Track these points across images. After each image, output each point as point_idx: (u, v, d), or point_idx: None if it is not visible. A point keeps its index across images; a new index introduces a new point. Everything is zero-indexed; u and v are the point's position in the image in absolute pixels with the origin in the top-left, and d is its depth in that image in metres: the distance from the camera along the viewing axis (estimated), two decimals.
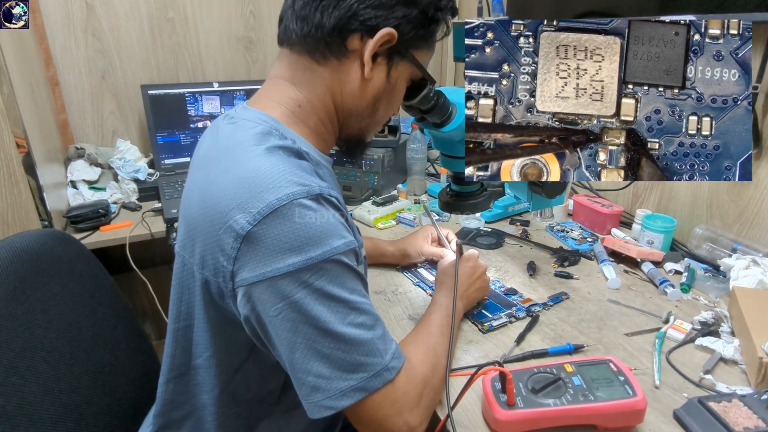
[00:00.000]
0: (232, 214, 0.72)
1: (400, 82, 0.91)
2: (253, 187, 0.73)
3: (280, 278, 0.71)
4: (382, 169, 1.89)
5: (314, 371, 0.74)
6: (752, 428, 0.79)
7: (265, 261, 0.71)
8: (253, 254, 0.72)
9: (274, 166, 0.75)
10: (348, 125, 0.94)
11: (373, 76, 0.87)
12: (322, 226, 0.73)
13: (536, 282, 1.34)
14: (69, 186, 1.96)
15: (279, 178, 0.73)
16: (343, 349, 0.74)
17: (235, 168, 0.77)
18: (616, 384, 0.85)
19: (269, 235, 0.71)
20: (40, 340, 0.86)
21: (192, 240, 0.80)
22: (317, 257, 0.72)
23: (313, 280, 0.72)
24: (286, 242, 0.71)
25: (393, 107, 0.95)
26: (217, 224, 0.74)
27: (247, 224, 0.71)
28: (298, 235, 0.71)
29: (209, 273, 0.78)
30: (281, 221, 0.71)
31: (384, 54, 0.86)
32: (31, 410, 0.80)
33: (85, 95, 2.16)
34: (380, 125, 0.98)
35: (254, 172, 0.74)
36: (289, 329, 0.73)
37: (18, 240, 0.91)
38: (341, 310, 0.74)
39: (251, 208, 0.71)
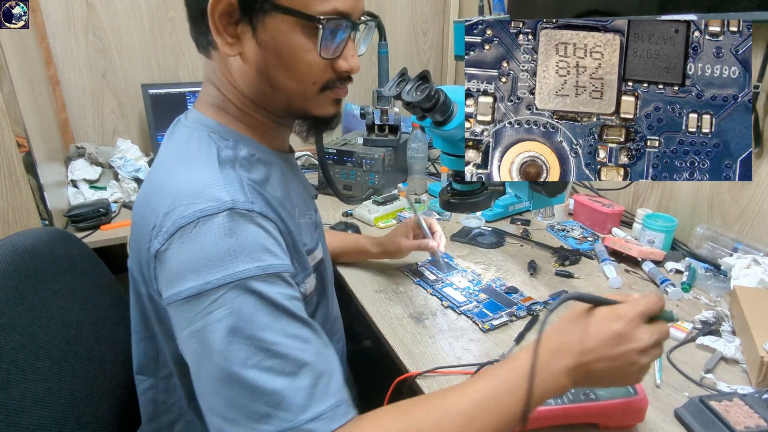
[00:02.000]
0: (153, 234, 0.70)
1: (282, 39, 0.75)
2: (167, 206, 0.69)
3: (181, 303, 0.65)
4: (383, 168, 1.89)
5: (217, 411, 0.65)
6: (753, 427, 0.79)
7: (170, 282, 0.67)
8: (163, 275, 0.68)
9: (191, 181, 0.71)
10: (269, 107, 0.84)
11: (242, 51, 0.76)
12: (228, 246, 0.66)
13: (537, 281, 1.34)
14: (69, 185, 1.96)
15: (191, 194, 0.69)
16: (245, 394, 0.63)
17: (163, 186, 0.73)
18: None
19: (173, 256, 0.66)
20: (41, 339, 0.86)
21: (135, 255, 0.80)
22: (216, 281, 0.64)
23: (213, 308, 0.64)
24: (187, 263, 0.65)
25: (298, 71, 0.78)
26: (144, 245, 0.73)
27: (158, 244, 0.68)
28: (199, 256, 0.65)
29: (152, 291, 0.77)
30: (185, 240, 0.66)
31: (242, 21, 0.74)
32: (32, 408, 0.80)
33: (85, 94, 2.16)
34: (307, 95, 0.81)
35: (172, 189, 0.71)
36: (193, 360, 0.67)
37: (20, 238, 0.91)
38: (244, 348, 0.63)
39: (162, 228, 0.68)
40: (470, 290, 1.28)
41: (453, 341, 1.08)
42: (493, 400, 0.66)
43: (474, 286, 1.30)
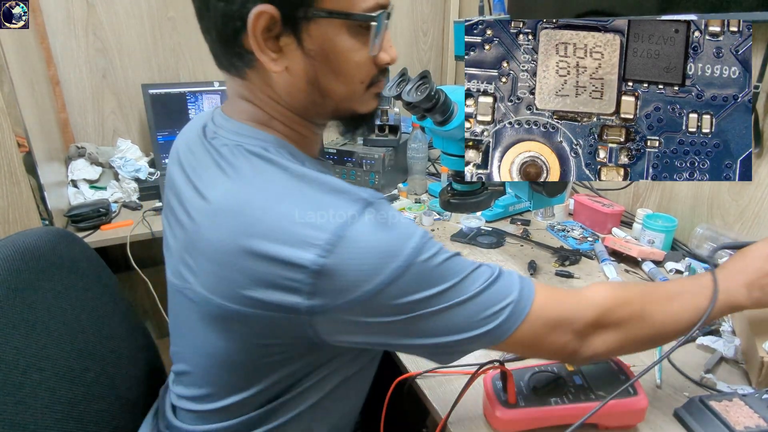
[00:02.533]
0: (296, 250, 0.65)
1: (329, 44, 0.72)
2: (306, 219, 0.67)
3: (368, 299, 0.67)
4: (383, 168, 1.89)
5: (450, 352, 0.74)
6: (753, 427, 0.79)
7: (350, 287, 0.66)
8: (334, 284, 0.66)
9: (320, 193, 0.70)
10: (315, 117, 0.82)
11: (288, 64, 0.73)
12: (392, 232, 0.68)
13: (537, 281, 1.34)
14: (70, 185, 1.96)
15: (329, 201, 0.69)
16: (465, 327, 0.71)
17: (277, 206, 0.69)
18: (618, 383, 0.85)
19: (344, 262, 0.66)
20: (42, 339, 0.86)
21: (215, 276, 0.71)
22: (401, 266, 0.66)
23: (409, 283, 0.67)
24: (365, 263, 0.66)
25: (348, 73, 0.76)
26: (271, 263, 0.66)
27: (318, 258, 0.64)
28: (373, 252, 0.66)
29: (270, 311, 0.69)
30: (352, 245, 0.66)
31: (284, 32, 0.70)
32: (34, 409, 0.80)
33: (85, 94, 2.16)
34: (355, 96, 0.80)
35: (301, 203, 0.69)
36: (397, 336, 0.71)
37: (21, 238, 0.91)
38: (447, 293, 0.69)
39: (315, 241, 0.65)
40: None
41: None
42: (686, 294, 0.81)
43: None
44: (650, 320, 0.79)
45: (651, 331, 0.79)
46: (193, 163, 0.81)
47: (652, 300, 0.80)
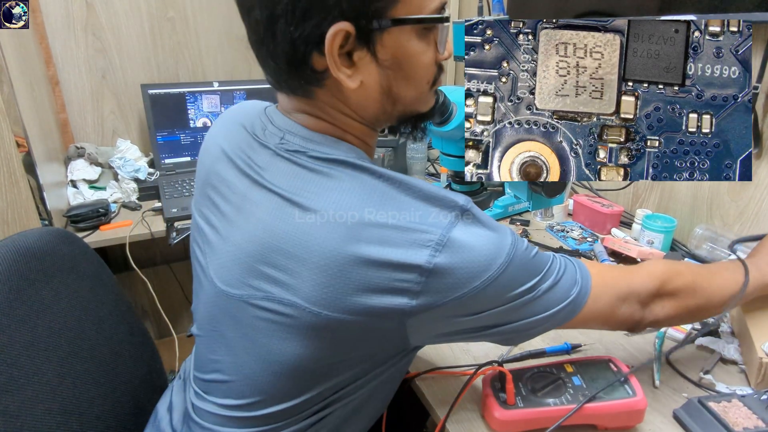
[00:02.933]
0: (409, 250, 0.67)
1: (401, 52, 0.72)
2: (414, 222, 0.69)
3: (478, 293, 0.71)
4: None
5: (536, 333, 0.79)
6: (752, 428, 0.79)
7: (462, 283, 0.70)
8: (442, 282, 0.69)
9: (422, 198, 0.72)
10: (382, 124, 0.83)
11: (363, 78, 0.72)
12: (489, 231, 0.73)
13: None
14: (69, 185, 1.95)
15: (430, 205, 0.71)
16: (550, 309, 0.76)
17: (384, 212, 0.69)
18: (617, 384, 0.85)
19: (454, 261, 0.69)
20: (42, 339, 0.86)
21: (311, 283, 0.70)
22: (504, 261, 0.71)
23: (511, 276, 0.72)
24: (473, 260, 0.70)
25: (417, 77, 0.76)
26: (379, 267, 0.67)
27: (430, 257, 0.67)
28: (478, 250, 0.70)
29: (359, 316, 0.69)
30: (459, 244, 0.69)
31: (356, 47, 0.69)
32: (34, 410, 0.80)
33: (85, 94, 2.16)
34: (422, 96, 0.81)
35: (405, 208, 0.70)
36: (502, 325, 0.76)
37: (21, 238, 0.91)
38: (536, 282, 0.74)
39: (428, 239, 0.68)
40: None
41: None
42: (724, 271, 0.92)
43: None
44: (701, 291, 0.87)
45: (702, 301, 0.88)
46: (259, 164, 0.79)
47: (700, 273, 0.89)
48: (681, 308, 0.87)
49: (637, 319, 0.85)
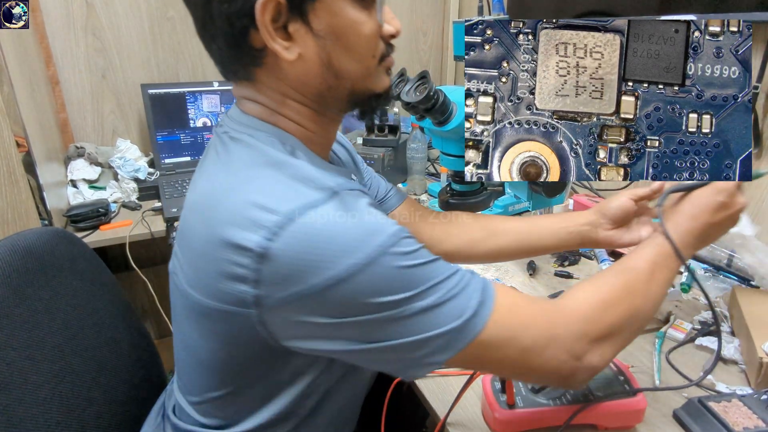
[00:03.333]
0: (243, 232, 0.64)
1: (337, 21, 0.71)
2: (264, 202, 0.65)
3: (318, 294, 0.63)
4: (383, 168, 1.89)
5: (397, 366, 0.69)
6: (752, 428, 0.79)
7: (294, 278, 0.63)
8: (279, 273, 0.63)
9: (286, 179, 0.68)
10: (331, 105, 0.79)
11: (300, 51, 0.71)
12: (354, 226, 0.65)
13: (536, 281, 1.34)
14: (69, 185, 1.96)
15: (290, 190, 0.66)
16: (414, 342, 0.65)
17: (244, 188, 0.68)
18: (616, 383, 0.85)
19: (290, 250, 0.62)
20: (42, 339, 0.86)
21: (192, 267, 0.71)
22: (358, 263, 0.63)
23: (363, 286, 0.63)
24: (314, 254, 0.62)
25: (359, 48, 0.74)
26: (222, 245, 0.65)
27: (264, 240, 0.62)
28: (326, 244, 0.63)
29: (220, 303, 0.67)
30: (304, 232, 0.63)
31: (291, 18, 0.69)
32: (34, 410, 0.80)
33: (85, 94, 2.16)
34: (369, 72, 0.78)
35: (264, 188, 0.67)
36: (348, 342, 0.67)
37: (21, 238, 0.91)
38: (399, 306, 0.64)
39: (265, 222, 0.63)
40: None
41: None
42: (658, 271, 0.78)
43: None
44: (638, 315, 0.76)
45: (641, 323, 0.77)
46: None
47: (636, 291, 0.76)
48: (621, 345, 0.75)
49: (566, 374, 0.71)
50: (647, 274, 0.77)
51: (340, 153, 1.03)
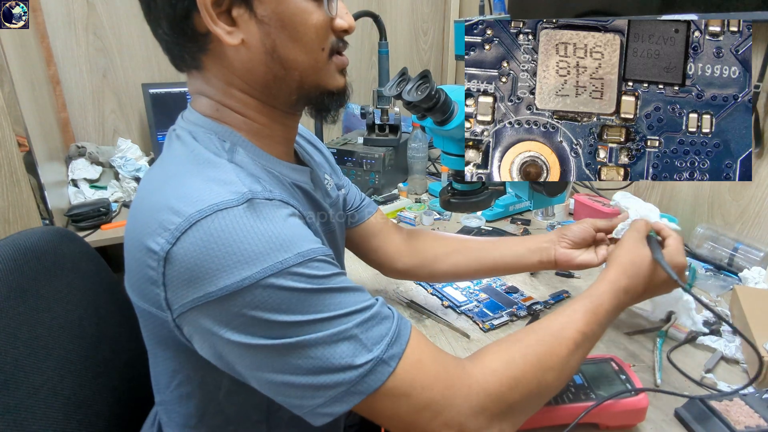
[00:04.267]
0: (152, 234, 0.63)
1: (281, 8, 0.70)
2: (173, 205, 0.63)
3: (211, 304, 0.61)
4: (383, 168, 1.89)
5: (284, 396, 0.65)
6: (754, 427, 0.79)
7: (192, 284, 0.61)
8: (178, 278, 0.62)
9: (201, 180, 0.66)
10: (280, 98, 0.78)
11: (244, 37, 0.70)
12: (259, 237, 0.62)
13: (537, 281, 1.34)
14: (70, 184, 1.96)
15: (203, 190, 0.64)
16: (303, 380, 0.62)
17: (163, 187, 0.68)
18: (618, 382, 0.85)
19: (190, 255, 0.61)
20: (44, 338, 0.86)
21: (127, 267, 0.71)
22: (255, 276, 0.60)
23: (254, 303, 0.60)
24: (213, 261, 0.61)
25: (306, 38, 0.73)
26: (139, 246, 0.65)
27: (166, 243, 0.61)
28: (226, 252, 0.60)
29: (148, 304, 0.68)
30: (205, 237, 0.61)
31: (233, 4, 0.68)
32: (35, 409, 0.80)
33: (86, 94, 2.16)
34: (318, 65, 0.76)
35: (178, 189, 0.66)
36: (238, 360, 0.64)
37: (22, 238, 0.91)
38: (293, 335, 0.61)
39: (170, 224, 0.62)
40: (470, 290, 1.28)
41: (453, 341, 1.08)
42: (588, 341, 0.75)
43: (474, 285, 1.30)
44: (547, 392, 0.72)
45: (547, 398, 0.74)
46: None
47: (552, 366, 0.71)
48: (522, 420, 0.70)
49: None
50: (570, 348, 0.72)
51: (314, 155, 1.03)
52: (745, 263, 1.31)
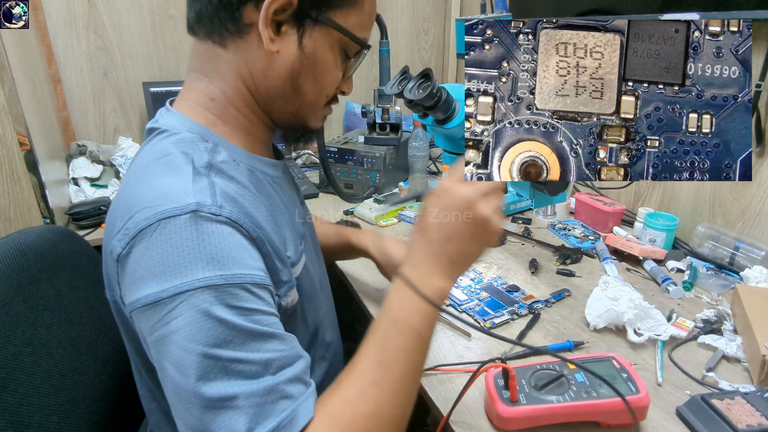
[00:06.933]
0: (113, 236, 0.67)
1: (322, 51, 0.77)
2: (130, 208, 0.66)
3: (141, 310, 0.63)
4: (384, 167, 1.89)
5: (179, 418, 0.64)
6: (755, 425, 0.80)
7: (131, 289, 0.64)
8: (125, 279, 0.65)
9: (159, 185, 0.67)
10: (274, 111, 0.83)
11: (280, 49, 0.74)
12: (188, 251, 0.62)
13: (538, 279, 1.34)
14: (71, 183, 1.96)
15: (156, 197, 0.65)
16: (196, 407, 0.61)
17: (130, 188, 0.71)
18: (619, 381, 0.85)
19: (133, 260, 0.64)
20: (44, 336, 0.86)
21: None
22: (173, 289, 0.61)
23: (169, 318, 0.61)
24: (146, 268, 0.62)
25: (324, 83, 0.81)
26: (106, 246, 0.71)
27: (118, 246, 0.64)
28: (157, 260, 0.62)
29: (116, 297, 0.72)
30: (144, 244, 0.63)
31: (289, 20, 0.74)
32: (35, 407, 0.81)
33: (86, 92, 2.16)
34: (317, 107, 0.84)
35: (138, 192, 0.68)
36: (157, 368, 0.65)
37: (22, 236, 0.91)
38: (195, 362, 0.60)
39: (125, 230, 0.65)
40: (471, 288, 1.28)
41: (455, 339, 1.08)
42: (417, 351, 0.72)
43: (475, 284, 1.30)
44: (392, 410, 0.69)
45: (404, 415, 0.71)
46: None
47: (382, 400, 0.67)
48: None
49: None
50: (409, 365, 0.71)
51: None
52: (747, 262, 1.31)
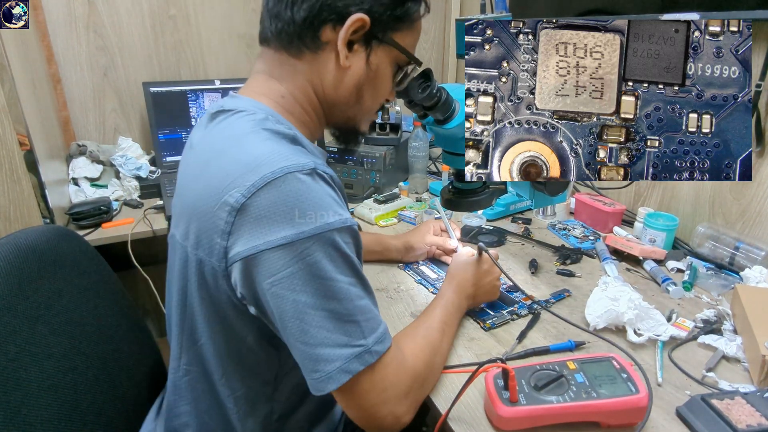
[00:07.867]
0: (228, 190, 0.73)
1: (383, 66, 0.91)
2: (249, 165, 0.74)
3: (271, 251, 0.72)
4: (384, 167, 1.89)
5: (298, 351, 0.76)
6: (755, 425, 0.79)
7: (257, 234, 0.72)
8: (246, 227, 0.73)
9: (271, 147, 0.77)
10: (334, 115, 0.95)
11: (351, 65, 0.87)
12: (316, 200, 0.74)
13: (538, 280, 1.34)
14: (71, 183, 1.96)
15: (274, 156, 0.74)
16: (326, 327, 0.75)
17: (233, 151, 0.78)
18: (619, 381, 0.85)
19: (262, 207, 0.72)
20: (44, 336, 0.86)
21: (188, 223, 0.81)
22: (309, 231, 0.72)
23: (305, 254, 0.72)
24: (278, 214, 0.72)
25: (380, 94, 0.95)
26: (213, 202, 0.75)
27: (242, 197, 0.72)
28: (290, 207, 0.72)
29: (204, 254, 0.78)
30: (274, 193, 0.72)
31: (360, 40, 0.86)
32: (36, 406, 0.80)
33: (86, 92, 2.16)
34: (370, 113, 0.98)
35: (251, 152, 0.76)
36: (277, 305, 0.74)
37: (22, 236, 0.91)
38: (323, 290, 0.74)
39: (246, 182, 0.72)
40: None
41: (455, 340, 1.08)
42: (448, 316, 1.03)
43: None
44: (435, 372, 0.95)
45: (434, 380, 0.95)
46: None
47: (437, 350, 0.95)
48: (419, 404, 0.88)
49: (392, 421, 0.83)
50: (440, 335, 0.97)
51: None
52: (747, 262, 1.31)
